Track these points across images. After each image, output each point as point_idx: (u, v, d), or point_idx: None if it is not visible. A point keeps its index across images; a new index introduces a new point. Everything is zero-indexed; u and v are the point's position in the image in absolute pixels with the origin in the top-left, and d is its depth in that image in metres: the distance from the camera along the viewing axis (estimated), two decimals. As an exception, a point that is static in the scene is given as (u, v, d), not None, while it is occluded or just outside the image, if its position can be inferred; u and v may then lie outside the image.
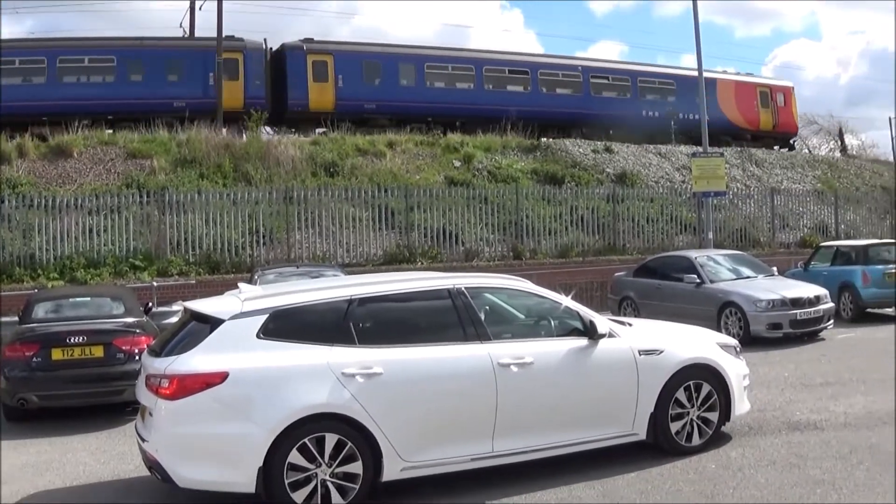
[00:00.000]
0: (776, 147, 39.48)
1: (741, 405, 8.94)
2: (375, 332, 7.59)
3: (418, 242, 24.21)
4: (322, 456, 6.95)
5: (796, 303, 16.45)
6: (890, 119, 72.77)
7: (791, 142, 41.03)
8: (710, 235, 24.33)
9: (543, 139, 31.92)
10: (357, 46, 33.60)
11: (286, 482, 6.84)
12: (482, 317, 7.97)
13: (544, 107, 34.08)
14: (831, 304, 17.31)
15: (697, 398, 8.54)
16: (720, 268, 18.25)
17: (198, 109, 28.23)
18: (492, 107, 32.64)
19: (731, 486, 7.53)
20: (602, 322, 8.32)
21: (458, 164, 28.59)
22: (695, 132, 29.84)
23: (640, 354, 8.27)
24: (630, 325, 9.22)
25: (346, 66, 31.41)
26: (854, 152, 44.83)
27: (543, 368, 7.81)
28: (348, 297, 7.61)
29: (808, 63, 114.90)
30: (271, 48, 32.14)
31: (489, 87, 34.27)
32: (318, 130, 30.99)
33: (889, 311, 20.10)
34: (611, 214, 26.95)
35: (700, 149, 25.49)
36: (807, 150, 42.93)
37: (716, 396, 8.63)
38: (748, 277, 17.94)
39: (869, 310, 19.65)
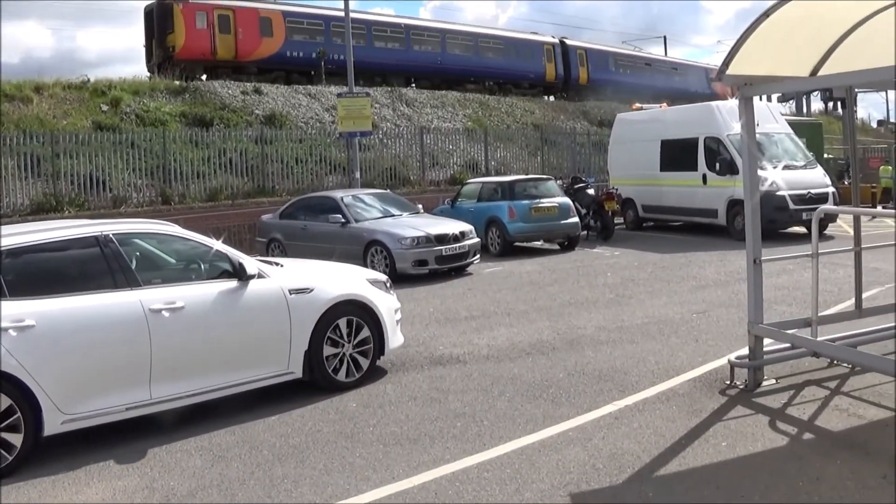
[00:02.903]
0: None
1: (395, 338, 9.60)
2: (26, 284, 7.53)
3: (65, 190, 23.71)
4: None
5: (441, 239, 17.19)
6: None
7: None
8: (358, 175, 24.88)
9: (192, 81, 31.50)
10: (593, 45, 50.17)
11: None
12: (133, 263, 8.13)
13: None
14: (477, 240, 18.27)
15: (351, 334, 9.06)
16: (366, 207, 18.78)
17: (538, 80, 45.34)
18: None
19: (371, 423, 7.78)
20: (251, 263, 8.64)
21: (105, 108, 28.05)
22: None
23: (290, 293, 8.67)
24: (281, 265, 9.45)
25: (592, 58, 47.98)
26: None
27: (195, 312, 8.07)
28: None
29: (467, 4, 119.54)
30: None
31: None
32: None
33: (536, 244, 21.36)
34: (260, 156, 27.12)
35: (347, 88, 25.70)
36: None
37: (369, 332, 9.18)
38: (394, 216, 18.50)
39: (516, 244, 20.89)
